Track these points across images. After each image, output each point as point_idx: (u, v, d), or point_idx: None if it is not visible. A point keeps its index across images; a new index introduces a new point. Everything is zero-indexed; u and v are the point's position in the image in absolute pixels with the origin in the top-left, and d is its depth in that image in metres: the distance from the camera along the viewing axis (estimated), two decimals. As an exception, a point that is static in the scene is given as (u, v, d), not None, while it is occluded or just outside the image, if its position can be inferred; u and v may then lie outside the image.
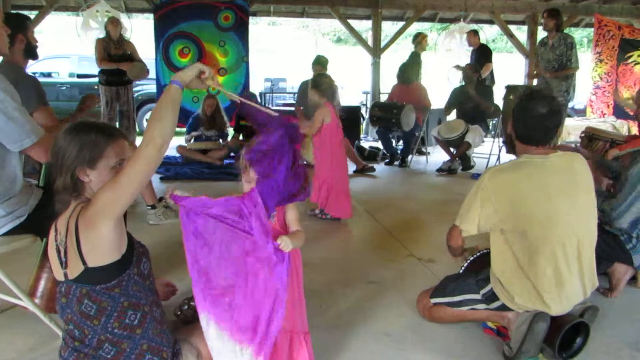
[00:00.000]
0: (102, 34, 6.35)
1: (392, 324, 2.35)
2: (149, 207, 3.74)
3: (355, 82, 13.69)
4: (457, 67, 6.42)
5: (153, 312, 1.59)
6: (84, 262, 1.49)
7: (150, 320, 1.57)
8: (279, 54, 21.08)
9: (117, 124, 6.38)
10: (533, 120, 2.02)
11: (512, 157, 2.25)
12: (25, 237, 2.09)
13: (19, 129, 1.96)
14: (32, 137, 2.00)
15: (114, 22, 6.17)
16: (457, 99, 6.32)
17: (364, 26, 14.70)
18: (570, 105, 7.01)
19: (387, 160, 6.79)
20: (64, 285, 1.55)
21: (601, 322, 2.30)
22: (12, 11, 7.69)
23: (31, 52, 2.93)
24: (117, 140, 1.61)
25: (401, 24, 9.32)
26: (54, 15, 8.67)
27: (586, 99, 9.10)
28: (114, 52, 6.08)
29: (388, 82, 6.93)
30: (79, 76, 9.09)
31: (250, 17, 8.11)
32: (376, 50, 8.48)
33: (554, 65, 5.86)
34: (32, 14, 7.60)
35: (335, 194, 3.97)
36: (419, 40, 7.40)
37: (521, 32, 10.22)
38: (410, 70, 6.73)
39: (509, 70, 12.21)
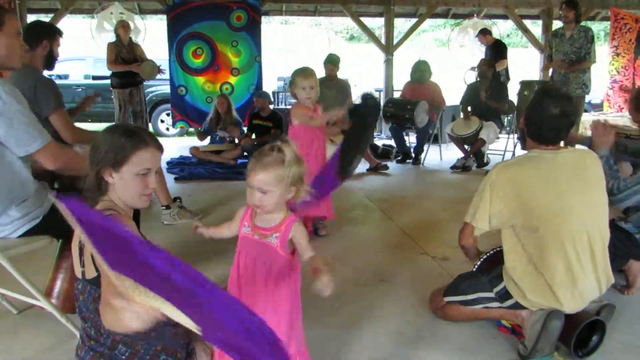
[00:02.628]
0: (114, 36, 6.42)
1: (405, 322, 2.34)
2: (164, 207, 3.78)
3: (368, 80, 13.64)
4: (473, 68, 6.36)
5: (168, 318, 1.59)
6: (96, 269, 1.50)
7: (165, 323, 1.58)
8: (292, 53, 21.10)
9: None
10: (545, 120, 2.01)
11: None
12: (41, 239, 2.12)
13: (25, 134, 1.97)
14: (38, 141, 2.01)
15: (124, 26, 6.26)
16: (472, 95, 6.26)
17: (376, 23, 14.65)
18: (586, 99, 6.90)
19: (400, 157, 6.76)
20: (81, 284, 1.58)
21: (618, 320, 2.27)
22: (32, 16, 7.84)
23: (50, 61, 3.02)
24: (145, 148, 1.59)
25: (414, 20, 9.27)
26: (69, 18, 8.78)
27: (603, 94, 8.97)
28: (126, 56, 6.17)
29: (401, 80, 6.88)
30: (94, 78, 9.20)
31: (263, 17, 8.13)
32: (389, 48, 8.45)
33: (572, 57, 5.71)
34: (48, 17, 7.72)
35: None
36: None
37: (536, 27, 10.08)
38: (423, 67, 6.66)
39: (524, 65, 12.09)
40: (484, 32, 7.90)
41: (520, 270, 2.03)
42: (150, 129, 9.35)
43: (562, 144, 2.13)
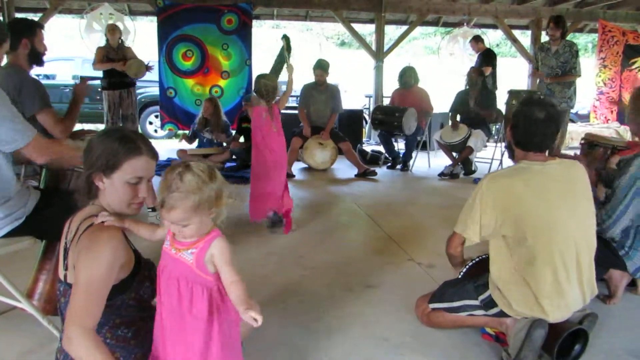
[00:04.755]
0: (104, 39, 6.40)
1: (391, 328, 2.35)
2: (150, 210, 3.75)
3: (359, 86, 13.69)
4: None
5: (149, 325, 1.55)
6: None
7: (146, 333, 1.56)
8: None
9: None
10: (530, 125, 2.03)
11: (514, 162, 2.25)
12: (24, 239, 2.10)
13: (10, 130, 1.95)
14: (26, 136, 1.99)
15: (111, 30, 6.24)
16: (461, 103, 6.31)
17: (367, 30, 14.73)
18: (573, 110, 7.01)
19: (389, 164, 6.79)
20: (63, 286, 1.55)
21: (600, 329, 2.29)
22: (20, 15, 7.75)
23: (36, 58, 2.94)
24: (138, 157, 1.54)
25: (404, 27, 9.34)
26: (58, 18, 8.72)
27: (590, 105, 9.10)
28: (114, 57, 6.17)
29: (391, 86, 6.92)
30: (82, 78, 9.14)
31: (254, 20, 8.13)
32: (379, 54, 8.50)
33: (557, 72, 5.90)
34: (37, 17, 7.65)
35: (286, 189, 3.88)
36: None
37: (525, 37, 10.21)
38: (409, 73, 6.70)
39: (513, 74, 12.22)
40: (477, 39, 7.97)
41: (505, 279, 2.04)
42: (139, 131, 9.31)
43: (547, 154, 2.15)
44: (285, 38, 4.41)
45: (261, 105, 3.90)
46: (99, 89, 6.46)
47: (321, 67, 6.24)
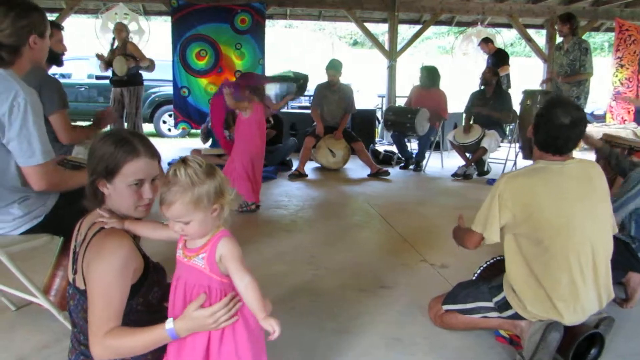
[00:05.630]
0: (105, 42, 6.48)
1: (403, 329, 2.34)
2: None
3: (371, 86, 13.67)
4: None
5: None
6: (85, 283, 1.46)
7: None
8: (295, 57, 21.14)
9: (125, 125, 6.48)
10: (554, 129, 2.00)
11: (528, 163, 2.23)
12: (42, 236, 2.12)
13: (28, 146, 1.92)
14: (36, 158, 1.94)
15: (118, 29, 6.29)
16: (475, 104, 6.27)
17: (380, 29, 14.71)
18: (589, 111, 6.94)
19: (402, 164, 6.77)
20: (72, 289, 1.56)
21: (617, 334, 2.26)
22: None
23: (53, 58, 2.97)
24: (136, 159, 1.51)
25: (418, 27, 9.32)
26: (74, 18, 8.82)
27: (606, 105, 8.99)
28: (110, 56, 6.22)
29: (404, 85, 6.89)
30: (97, 77, 9.23)
31: (267, 20, 8.16)
32: (392, 54, 8.47)
33: (567, 70, 5.84)
34: (53, 16, 7.75)
35: (239, 177, 4.18)
36: None
37: (540, 36, 10.12)
38: (433, 74, 6.64)
39: (528, 74, 12.11)
40: (486, 41, 7.93)
41: (521, 281, 2.02)
42: (152, 130, 9.38)
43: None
44: (303, 77, 4.72)
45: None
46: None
47: (334, 67, 6.24)
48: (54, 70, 3.26)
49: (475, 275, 2.41)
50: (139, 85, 6.33)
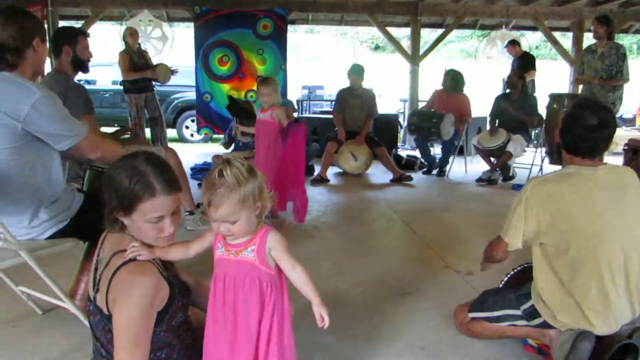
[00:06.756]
0: (123, 45, 6.56)
1: (428, 337, 2.31)
2: (187, 213, 3.82)
3: (393, 90, 13.63)
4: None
5: (183, 342, 1.56)
6: (108, 308, 1.44)
7: (179, 351, 1.57)
8: (317, 62, 21.22)
9: (149, 131, 6.58)
10: (582, 131, 1.95)
11: (554, 168, 2.18)
12: (68, 241, 2.16)
13: (66, 127, 2.03)
14: (80, 132, 2.07)
15: (132, 34, 6.40)
16: (500, 107, 6.19)
17: (402, 33, 14.67)
18: (618, 115, 6.77)
19: (425, 169, 6.71)
20: (91, 306, 1.55)
21: (651, 344, 2.20)
22: (64, 22, 8.06)
23: (79, 64, 3.06)
24: (152, 198, 1.43)
25: (440, 31, 9.24)
26: (99, 25, 9.00)
27: (635, 108, 8.79)
28: (138, 61, 6.36)
29: (427, 90, 6.84)
30: (122, 83, 9.40)
31: (289, 25, 8.20)
32: (415, 58, 8.43)
33: (602, 75, 5.65)
34: (79, 24, 7.92)
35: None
36: None
37: (566, 39, 9.95)
38: (457, 79, 6.59)
39: (553, 78, 11.93)
40: (514, 43, 7.84)
41: (549, 290, 1.98)
42: (175, 135, 9.50)
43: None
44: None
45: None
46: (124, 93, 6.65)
47: (356, 72, 6.22)
48: (80, 76, 3.33)
49: (503, 282, 2.37)
50: (154, 90, 6.53)
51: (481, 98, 8.79)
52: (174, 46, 8.06)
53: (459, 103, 6.49)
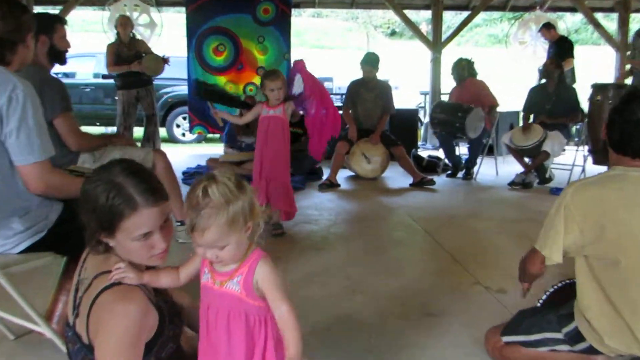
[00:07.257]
0: (113, 37, 6.62)
1: (455, 364, 2.30)
2: (179, 224, 3.82)
3: (412, 82, 13.64)
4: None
5: None
6: (88, 337, 1.44)
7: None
8: (325, 50, 21.28)
9: (143, 130, 6.60)
10: (631, 126, 1.94)
11: (599, 169, 2.16)
12: (44, 255, 2.16)
13: (27, 143, 1.98)
14: (33, 156, 1.99)
15: (123, 23, 6.43)
16: (536, 101, 6.17)
17: (422, 17, 14.69)
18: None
19: (449, 171, 6.70)
20: (70, 333, 1.55)
21: None
22: (40, 8, 8.13)
23: (57, 56, 3.07)
24: (134, 213, 1.41)
25: (465, 13, 9.26)
26: (79, 10, 9.10)
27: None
28: (126, 54, 6.34)
29: (450, 82, 6.86)
30: (104, 77, 9.48)
31: (293, 9, 8.23)
32: (436, 45, 8.44)
33: None
34: (57, 9, 8.00)
35: (276, 186, 4.09)
36: None
37: (610, 21, 9.93)
38: (461, 66, 6.59)
39: (596, 65, 11.88)
40: (548, 27, 7.83)
41: (595, 309, 1.96)
42: (165, 134, 9.55)
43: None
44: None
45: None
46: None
47: (370, 62, 6.24)
48: (56, 69, 3.35)
49: (541, 301, 2.35)
50: (152, 84, 6.50)
51: (513, 90, 8.76)
52: (163, 34, 8.11)
53: (473, 90, 6.47)
